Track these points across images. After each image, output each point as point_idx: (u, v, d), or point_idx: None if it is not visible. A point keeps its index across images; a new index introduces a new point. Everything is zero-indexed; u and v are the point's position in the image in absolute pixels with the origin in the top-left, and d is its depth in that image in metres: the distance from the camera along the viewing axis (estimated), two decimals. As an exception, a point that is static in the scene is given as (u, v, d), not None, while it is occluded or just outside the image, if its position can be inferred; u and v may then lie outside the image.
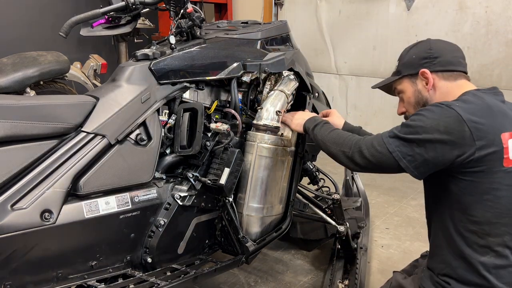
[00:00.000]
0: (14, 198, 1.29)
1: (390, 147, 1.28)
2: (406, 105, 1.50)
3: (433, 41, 1.46)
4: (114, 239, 1.51)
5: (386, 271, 2.36)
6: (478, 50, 3.64)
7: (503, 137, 1.24)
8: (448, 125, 1.22)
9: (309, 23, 4.55)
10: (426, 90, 1.42)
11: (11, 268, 1.28)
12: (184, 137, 1.66)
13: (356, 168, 1.39)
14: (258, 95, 1.96)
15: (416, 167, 1.26)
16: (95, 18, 1.83)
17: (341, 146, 1.42)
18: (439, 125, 1.22)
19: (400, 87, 1.50)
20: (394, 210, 3.17)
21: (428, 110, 1.28)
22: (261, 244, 1.85)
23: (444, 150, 1.23)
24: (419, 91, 1.44)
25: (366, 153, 1.32)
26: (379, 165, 1.31)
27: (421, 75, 1.42)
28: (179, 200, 1.63)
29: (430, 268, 1.41)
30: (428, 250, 1.51)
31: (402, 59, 1.49)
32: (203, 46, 1.77)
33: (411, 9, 3.90)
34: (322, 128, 1.57)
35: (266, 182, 1.81)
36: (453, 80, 1.39)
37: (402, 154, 1.26)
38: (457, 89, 1.37)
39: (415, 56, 1.44)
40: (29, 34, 3.81)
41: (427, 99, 1.42)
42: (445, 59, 1.40)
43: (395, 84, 1.51)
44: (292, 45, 2.20)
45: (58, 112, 1.40)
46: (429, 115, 1.26)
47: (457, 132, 1.22)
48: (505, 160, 1.24)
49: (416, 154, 1.25)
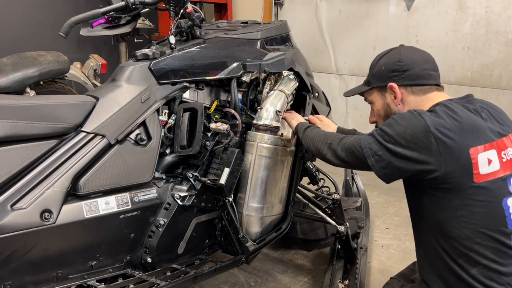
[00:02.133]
0: (14, 198, 1.29)
1: (363, 143, 1.29)
2: (376, 116, 1.49)
3: (404, 51, 1.41)
4: (114, 239, 1.51)
5: (386, 271, 2.36)
6: (478, 50, 3.64)
7: (472, 152, 1.20)
8: (414, 135, 1.21)
9: (309, 23, 4.54)
10: (394, 104, 1.40)
11: (11, 268, 1.28)
12: (184, 137, 1.66)
13: (337, 161, 1.41)
14: (258, 95, 1.96)
15: (381, 168, 1.26)
16: (95, 18, 1.83)
17: (327, 139, 1.46)
18: (406, 134, 1.21)
19: (370, 98, 1.49)
20: (394, 210, 3.17)
21: (400, 115, 1.28)
22: (261, 244, 1.85)
23: (408, 162, 1.22)
24: (387, 104, 1.42)
25: (346, 146, 1.36)
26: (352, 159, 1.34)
27: (389, 89, 1.39)
28: (179, 200, 1.63)
29: (425, 280, 1.38)
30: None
31: (372, 69, 1.46)
32: (203, 46, 1.77)
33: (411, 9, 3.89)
34: (314, 129, 1.61)
35: (266, 182, 1.81)
36: (422, 95, 1.36)
37: (372, 152, 1.27)
38: (427, 103, 1.34)
39: (384, 68, 1.41)
40: (29, 34, 3.81)
41: (395, 113, 1.39)
42: (415, 73, 1.36)
43: (366, 94, 1.51)
44: (292, 45, 2.20)
45: (58, 112, 1.40)
46: (400, 120, 1.25)
47: (422, 143, 1.20)
48: (475, 176, 1.20)
49: (383, 155, 1.25)
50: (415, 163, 1.22)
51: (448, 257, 1.28)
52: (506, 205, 1.24)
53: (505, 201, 1.24)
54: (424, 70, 1.37)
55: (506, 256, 1.24)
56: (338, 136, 1.45)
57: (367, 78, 1.49)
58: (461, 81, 3.73)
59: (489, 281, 1.24)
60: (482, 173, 1.21)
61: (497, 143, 1.25)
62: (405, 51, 1.41)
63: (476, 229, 1.23)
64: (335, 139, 1.43)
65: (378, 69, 1.43)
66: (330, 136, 1.49)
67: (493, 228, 1.23)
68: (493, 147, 1.23)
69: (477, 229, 1.23)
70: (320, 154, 1.49)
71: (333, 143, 1.42)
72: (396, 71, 1.38)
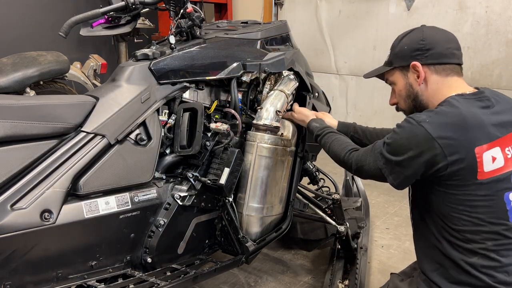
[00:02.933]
0: (14, 198, 1.29)
1: (380, 164, 1.33)
2: (397, 97, 1.48)
3: (427, 30, 1.40)
4: (114, 239, 1.51)
5: (386, 271, 2.36)
6: (478, 50, 3.64)
7: (477, 151, 1.21)
8: (418, 143, 1.23)
9: (309, 23, 4.54)
10: (417, 83, 1.38)
11: (11, 268, 1.28)
12: (184, 137, 1.66)
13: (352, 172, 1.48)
14: (258, 95, 1.96)
15: (400, 184, 1.31)
16: (95, 18, 1.83)
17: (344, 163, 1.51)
18: (410, 144, 1.24)
19: (391, 79, 1.48)
20: (394, 210, 3.17)
21: (400, 128, 1.29)
22: (261, 244, 1.85)
23: (419, 164, 1.24)
24: (410, 84, 1.40)
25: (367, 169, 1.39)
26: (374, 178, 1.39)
27: (412, 68, 1.38)
28: (179, 200, 1.63)
29: (423, 270, 1.40)
30: None
31: (394, 48, 1.45)
32: (203, 46, 1.77)
33: (411, 9, 3.89)
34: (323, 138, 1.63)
35: (266, 182, 1.81)
36: (444, 76, 1.35)
37: (388, 171, 1.31)
38: (446, 89, 1.34)
39: (407, 47, 1.40)
40: (29, 34, 3.81)
41: (417, 92, 1.39)
42: (438, 52, 1.35)
43: (387, 74, 1.49)
44: (292, 45, 2.20)
45: (58, 112, 1.40)
46: (401, 133, 1.27)
47: (427, 150, 1.22)
48: (479, 173, 1.22)
49: (398, 172, 1.29)
50: (424, 166, 1.24)
51: (448, 245, 1.30)
52: (508, 200, 1.25)
53: (507, 195, 1.25)
54: (447, 49, 1.35)
55: (506, 248, 1.26)
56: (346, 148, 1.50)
57: (388, 59, 1.47)
58: (461, 81, 3.72)
59: (488, 269, 1.26)
60: (486, 170, 1.22)
61: (502, 140, 1.25)
62: (427, 30, 1.40)
63: (478, 222, 1.25)
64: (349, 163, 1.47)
65: (401, 49, 1.42)
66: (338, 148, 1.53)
67: (495, 221, 1.25)
68: (498, 144, 1.24)
69: (479, 222, 1.25)
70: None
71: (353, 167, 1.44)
72: (419, 50, 1.36)
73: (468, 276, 1.27)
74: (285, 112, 1.91)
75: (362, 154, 1.41)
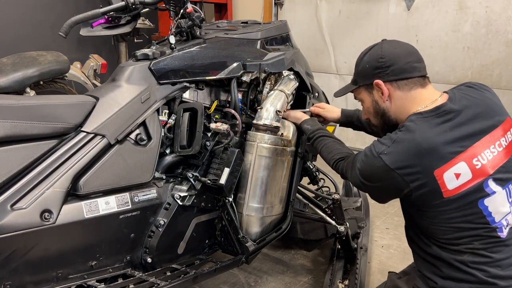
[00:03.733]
0: (14, 198, 1.29)
1: (355, 181, 1.40)
2: (367, 114, 1.50)
3: (386, 46, 1.39)
4: (114, 239, 1.51)
5: (386, 271, 2.34)
6: (478, 50, 3.64)
7: (436, 174, 1.22)
8: (379, 174, 1.28)
9: (309, 23, 4.54)
10: (382, 100, 1.39)
11: (11, 268, 1.28)
12: (184, 137, 1.66)
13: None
14: (258, 95, 1.96)
15: (377, 199, 1.42)
16: (95, 18, 1.83)
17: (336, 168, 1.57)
18: (373, 174, 1.31)
19: (359, 96, 1.50)
20: (394, 210, 3.16)
21: (366, 157, 1.32)
22: (261, 244, 1.85)
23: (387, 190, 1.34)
24: (376, 101, 1.42)
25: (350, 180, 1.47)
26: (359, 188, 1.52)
27: (375, 86, 1.38)
28: (179, 200, 1.63)
29: (419, 268, 1.42)
30: None
31: (357, 67, 1.46)
32: (203, 46, 1.77)
33: (411, 9, 3.89)
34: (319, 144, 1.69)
35: (266, 182, 1.80)
36: (407, 90, 1.34)
37: (365, 188, 1.39)
38: (409, 104, 1.34)
39: (368, 65, 1.39)
40: (29, 34, 3.81)
41: (384, 109, 1.40)
42: (398, 67, 1.34)
43: (355, 92, 1.51)
44: (292, 45, 2.20)
45: (58, 112, 1.40)
46: (366, 162, 1.32)
47: (389, 180, 1.27)
48: (444, 193, 1.24)
49: (371, 190, 1.39)
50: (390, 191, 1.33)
51: (438, 248, 1.33)
52: (483, 205, 1.25)
53: (481, 202, 1.25)
54: (407, 63, 1.34)
55: (495, 245, 1.27)
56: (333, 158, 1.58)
57: (353, 77, 1.49)
58: (461, 81, 3.69)
59: (480, 265, 1.27)
60: (450, 188, 1.24)
61: (467, 152, 1.24)
62: (386, 46, 1.39)
63: (459, 229, 1.28)
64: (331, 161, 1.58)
65: (363, 67, 1.42)
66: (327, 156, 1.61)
67: (475, 226, 1.26)
68: (461, 159, 1.23)
69: (460, 229, 1.27)
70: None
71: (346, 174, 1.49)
72: (380, 67, 1.36)
73: (461, 273, 1.29)
74: (285, 112, 1.91)
75: (345, 167, 1.48)
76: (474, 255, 1.27)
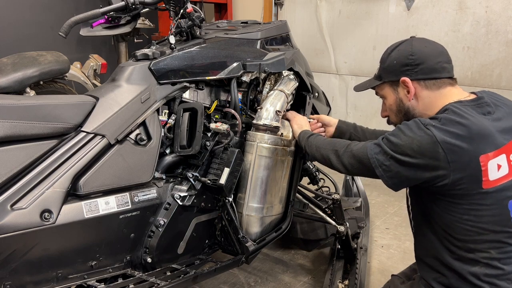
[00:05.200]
0: (14, 198, 1.29)
1: (370, 152, 1.28)
2: (388, 111, 1.45)
3: (416, 44, 1.35)
4: (114, 239, 1.51)
5: (386, 271, 2.36)
6: (478, 50, 3.64)
7: (482, 159, 1.18)
8: (421, 146, 1.19)
9: (309, 23, 4.54)
10: (407, 99, 1.35)
11: (11, 268, 1.28)
12: (184, 137, 1.66)
13: (343, 169, 1.41)
14: (258, 95, 1.96)
15: (390, 177, 1.26)
16: (95, 18, 1.83)
17: (334, 146, 1.45)
18: (413, 144, 1.20)
19: (381, 93, 1.45)
20: (394, 210, 3.16)
21: (406, 126, 1.25)
22: (261, 244, 1.85)
23: (416, 171, 1.21)
24: (400, 100, 1.37)
25: (352, 154, 1.35)
26: (359, 168, 1.34)
27: (402, 84, 1.34)
28: (179, 200, 1.63)
29: (425, 278, 1.38)
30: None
31: (383, 62, 1.41)
32: (203, 46, 1.77)
33: (411, 9, 3.89)
34: (318, 136, 1.61)
35: (266, 182, 1.80)
36: (436, 90, 1.31)
37: (379, 162, 1.26)
38: (440, 100, 1.30)
39: (396, 61, 1.35)
40: (29, 34, 3.81)
41: (408, 108, 1.36)
42: (428, 66, 1.31)
43: (377, 88, 1.46)
44: (292, 45, 2.20)
45: (58, 112, 1.40)
46: (407, 131, 1.23)
47: (430, 154, 1.18)
48: (484, 182, 1.19)
49: (391, 165, 1.24)
50: (423, 172, 1.21)
51: (450, 256, 1.28)
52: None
53: (511, 203, 1.23)
54: (437, 63, 1.31)
55: (509, 256, 1.25)
56: (344, 143, 1.44)
57: (378, 72, 1.44)
58: (461, 81, 3.72)
59: (491, 278, 1.24)
60: (491, 179, 1.19)
61: (507, 147, 1.22)
62: (417, 44, 1.35)
63: (482, 232, 1.23)
64: (341, 146, 1.42)
65: (390, 63, 1.37)
66: (336, 143, 1.47)
67: (498, 230, 1.23)
68: (503, 152, 1.21)
69: (483, 232, 1.23)
70: (326, 162, 1.48)
71: (340, 150, 1.41)
72: (409, 65, 1.32)
73: (470, 286, 1.25)
74: (285, 112, 1.91)
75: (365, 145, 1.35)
76: (488, 267, 1.24)
